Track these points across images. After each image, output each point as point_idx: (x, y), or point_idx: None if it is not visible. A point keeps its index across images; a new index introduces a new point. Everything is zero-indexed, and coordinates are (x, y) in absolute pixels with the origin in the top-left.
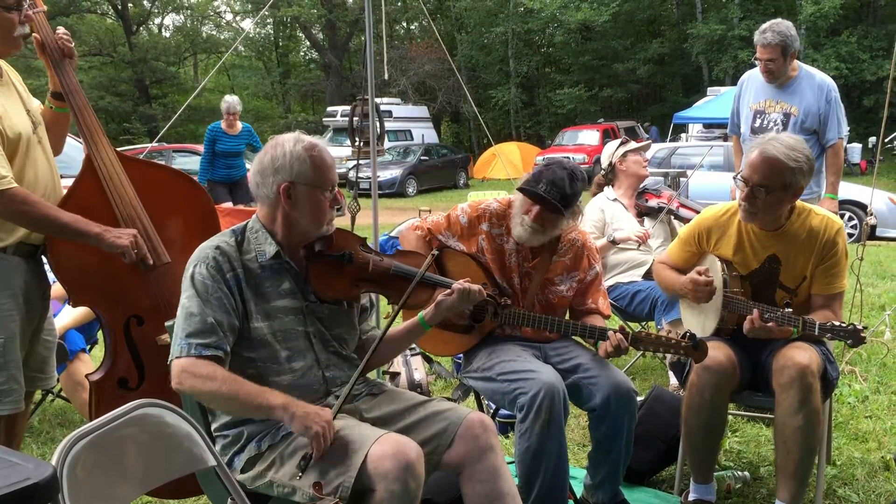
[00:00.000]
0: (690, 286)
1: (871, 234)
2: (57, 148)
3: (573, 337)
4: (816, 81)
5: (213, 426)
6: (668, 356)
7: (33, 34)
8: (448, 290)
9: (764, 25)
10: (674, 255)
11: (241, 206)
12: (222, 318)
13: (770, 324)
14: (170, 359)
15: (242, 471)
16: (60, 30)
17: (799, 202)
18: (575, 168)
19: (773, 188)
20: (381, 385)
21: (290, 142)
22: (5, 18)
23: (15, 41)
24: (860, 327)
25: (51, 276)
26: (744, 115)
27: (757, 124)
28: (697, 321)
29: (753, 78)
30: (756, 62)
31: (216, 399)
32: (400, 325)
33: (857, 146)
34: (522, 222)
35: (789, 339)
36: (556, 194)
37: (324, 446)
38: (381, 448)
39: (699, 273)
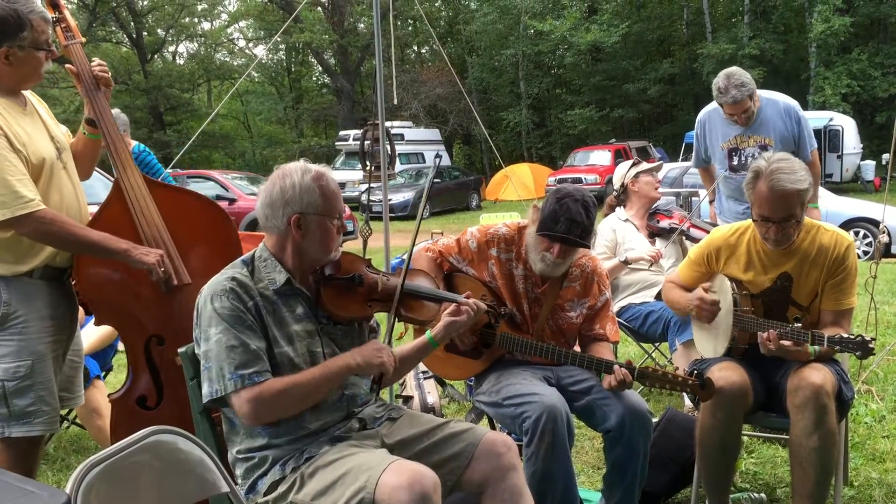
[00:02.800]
0: (697, 302)
1: (886, 252)
2: (87, 173)
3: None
4: (781, 107)
5: (236, 449)
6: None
7: (67, 65)
8: (455, 308)
9: (720, 84)
10: (683, 275)
11: (256, 233)
12: (260, 343)
13: (787, 342)
14: (215, 395)
15: (265, 493)
16: (96, 61)
17: (808, 220)
18: (586, 195)
19: (797, 215)
20: (400, 409)
21: (297, 173)
22: (36, 58)
23: (40, 76)
24: (868, 339)
25: None
26: (717, 155)
27: (735, 162)
28: (709, 341)
29: (714, 116)
30: (728, 118)
31: (293, 407)
32: (410, 342)
33: (870, 163)
34: (544, 259)
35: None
36: (578, 230)
37: (392, 367)
38: (397, 479)
39: (705, 290)
